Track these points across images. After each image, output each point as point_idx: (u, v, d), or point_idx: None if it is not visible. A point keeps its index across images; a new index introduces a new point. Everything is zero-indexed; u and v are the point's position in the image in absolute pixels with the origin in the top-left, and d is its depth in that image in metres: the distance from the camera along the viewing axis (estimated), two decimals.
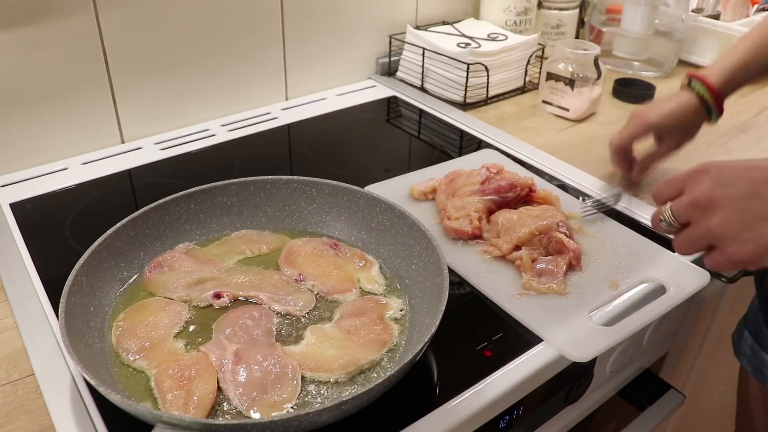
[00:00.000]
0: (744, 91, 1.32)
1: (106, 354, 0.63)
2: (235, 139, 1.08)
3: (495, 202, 0.83)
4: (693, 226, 0.56)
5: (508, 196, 0.84)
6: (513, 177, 0.85)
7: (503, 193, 0.83)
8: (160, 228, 0.76)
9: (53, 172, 0.98)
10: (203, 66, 1.09)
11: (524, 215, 0.79)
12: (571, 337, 0.67)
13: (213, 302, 0.70)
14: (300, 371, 0.61)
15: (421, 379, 0.63)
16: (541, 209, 0.81)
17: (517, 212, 0.80)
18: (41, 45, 0.92)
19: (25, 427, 0.59)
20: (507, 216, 0.80)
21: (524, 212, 0.80)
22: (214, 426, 0.51)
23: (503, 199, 0.83)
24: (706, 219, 0.54)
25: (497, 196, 0.83)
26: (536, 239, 0.77)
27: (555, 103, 1.19)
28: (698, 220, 0.55)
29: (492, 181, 0.85)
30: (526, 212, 0.80)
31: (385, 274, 0.75)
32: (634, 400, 0.89)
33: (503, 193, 0.83)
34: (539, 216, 0.79)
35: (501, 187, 0.83)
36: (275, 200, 0.82)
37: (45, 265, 0.78)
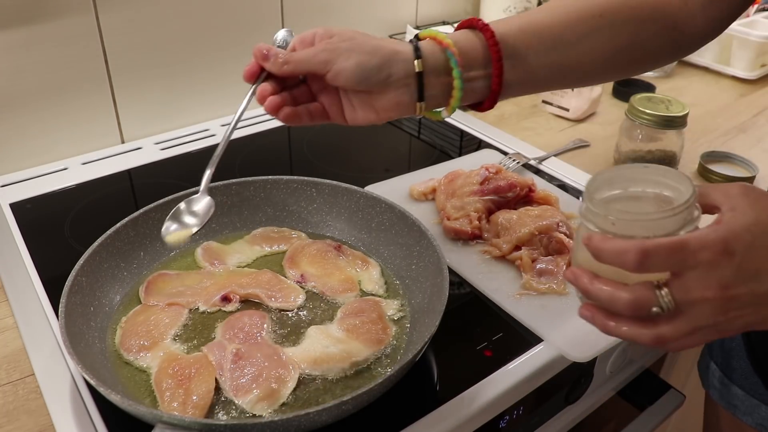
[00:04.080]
0: (743, 90, 1.33)
1: (106, 354, 0.63)
2: (235, 139, 1.08)
3: (494, 202, 0.83)
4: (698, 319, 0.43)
5: (507, 196, 0.84)
6: (512, 177, 0.85)
7: (503, 193, 0.83)
8: (160, 228, 0.76)
9: (53, 172, 0.98)
10: (203, 66, 1.09)
11: (524, 215, 0.79)
12: (571, 337, 0.67)
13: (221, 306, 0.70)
14: (299, 370, 0.61)
15: (421, 379, 0.63)
16: (541, 209, 0.81)
17: (516, 212, 0.80)
18: (41, 45, 0.92)
19: (25, 427, 0.59)
20: (507, 216, 0.80)
21: (524, 212, 0.80)
22: (214, 426, 0.51)
23: (503, 199, 0.84)
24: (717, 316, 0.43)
25: (497, 196, 0.83)
26: (536, 239, 0.77)
27: (555, 103, 1.20)
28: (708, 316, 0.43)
29: (491, 181, 0.85)
30: (526, 212, 0.80)
31: (387, 277, 0.75)
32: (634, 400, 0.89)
33: (503, 193, 0.83)
34: (539, 216, 0.79)
35: (500, 187, 0.83)
36: (275, 200, 0.82)
37: (45, 265, 0.78)
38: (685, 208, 0.44)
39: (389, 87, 0.57)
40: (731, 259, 0.42)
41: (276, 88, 0.59)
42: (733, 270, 0.42)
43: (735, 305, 0.43)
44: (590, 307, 0.47)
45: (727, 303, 0.42)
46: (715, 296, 0.42)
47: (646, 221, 0.44)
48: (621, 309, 0.44)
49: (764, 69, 1.38)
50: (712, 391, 0.81)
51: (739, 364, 0.76)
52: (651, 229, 0.44)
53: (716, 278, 0.42)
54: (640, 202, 0.48)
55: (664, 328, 0.44)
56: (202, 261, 0.76)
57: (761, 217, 0.43)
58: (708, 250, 0.42)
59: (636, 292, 0.43)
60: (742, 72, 1.37)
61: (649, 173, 0.48)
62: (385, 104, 0.58)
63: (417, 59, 0.57)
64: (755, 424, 0.76)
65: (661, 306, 0.43)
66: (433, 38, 0.59)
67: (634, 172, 0.49)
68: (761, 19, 1.43)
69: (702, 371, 0.84)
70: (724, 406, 0.79)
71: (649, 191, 0.48)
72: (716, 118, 1.21)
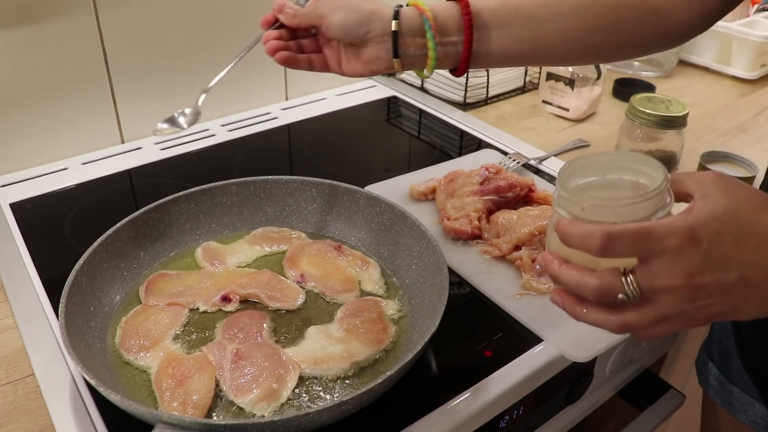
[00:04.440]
0: (743, 90, 1.33)
1: (106, 354, 0.63)
2: (235, 139, 1.08)
3: (494, 202, 0.83)
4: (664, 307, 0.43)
5: (507, 196, 0.84)
6: (512, 177, 0.85)
7: (503, 193, 0.83)
8: (160, 228, 0.76)
9: (53, 172, 0.98)
10: (203, 66, 1.09)
11: (524, 215, 0.79)
12: (571, 337, 0.67)
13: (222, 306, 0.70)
14: (299, 370, 0.61)
15: (421, 379, 0.63)
16: (541, 209, 0.81)
17: (516, 212, 0.80)
18: (41, 45, 0.92)
19: (25, 427, 0.59)
20: (507, 216, 0.80)
21: (524, 212, 0.80)
22: (214, 426, 0.51)
23: (503, 199, 0.84)
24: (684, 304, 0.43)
25: (497, 196, 0.83)
26: (536, 239, 0.77)
27: (555, 103, 1.19)
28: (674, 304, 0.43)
29: (491, 181, 0.85)
30: (526, 212, 0.80)
31: (386, 277, 0.75)
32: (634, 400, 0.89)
33: (503, 193, 0.83)
34: (539, 216, 0.79)
35: (500, 187, 0.83)
36: (275, 200, 0.82)
37: (45, 265, 0.78)
38: (656, 194, 0.44)
39: (369, 42, 0.66)
40: (698, 246, 0.41)
41: (287, 37, 0.69)
42: (699, 258, 0.41)
43: (702, 294, 0.42)
44: (561, 292, 0.47)
45: (694, 291, 0.42)
46: (681, 284, 0.42)
47: (615, 207, 0.44)
48: (588, 294, 0.44)
49: (764, 69, 1.38)
50: (709, 389, 0.81)
51: (735, 362, 0.77)
52: (620, 215, 0.43)
53: (682, 266, 0.42)
54: (616, 189, 0.48)
55: (630, 315, 0.44)
56: (202, 261, 0.76)
57: (731, 206, 0.42)
58: (674, 237, 0.41)
59: (602, 278, 0.43)
60: (742, 72, 1.37)
61: (623, 160, 0.48)
62: (368, 57, 0.66)
63: (394, 20, 0.65)
64: (749, 421, 0.76)
65: (626, 293, 0.43)
66: (414, 5, 0.66)
67: (610, 158, 0.49)
68: (761, 19, 1.43)
69: (699, 369, 0.84)
70: (721, 403, 0.79)
71: (625, 178, 0.48)
72: (716, 118, 1.21)
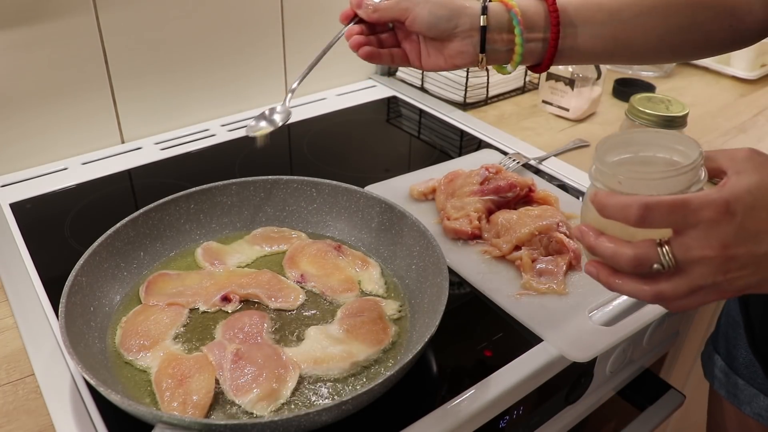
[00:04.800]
0: (743, 90, 1.33)
1: (106, 354, 0.63)
2: (235, 139, 1.08)
3: (494, 202, 0.83)
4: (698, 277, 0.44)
5: (507, 196, 0.84)
6: (512, 177, 0.85)
7: (503, 193, 0.83)
8: (160, 228, 0.76)
9: (53, 172, 0.98)
10: (203, 66, 1.09)
11: (524, 215, 0.79)
12: (571, 337, 0.67)
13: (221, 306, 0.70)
14: (300, 370, 0.61)
15: (421, 379, 0.63)
16: (541, 209, 0.81)
17: (516, 212, 0.80)
18: (41, 45, 0.92)
19: (25, 427, 0.59)
20: (507, 216, 0.80)
21: (524, 212, 0.80)
22: (214, 426, 0.51)
23: (503, 199, 0.84)
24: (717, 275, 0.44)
25: (497, 196, 0.83)
26: (536, 239, 0.77)
27: (555, 103, 1.20)
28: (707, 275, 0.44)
29: (491, 181, 0.85)
30: (526, 212, 0.80)
31: (386, 277, 0.75)
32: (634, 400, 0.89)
33: (503, 193, 0.83)
34: (539, 216, 0.79)
35: (500, 187, 0.83)
36: (275, 200, 0.82)
37: (45, 265, 0.78)
38: (690, 169, 0.45)
39: (456, 36, 0.66)
40: (732, 218, 0.42)
41: (365, 32, 0.69)
42: (733, 230, 0.42)
43: (735, 265, 0.43)
44: (595, 263, 0.48)
45: (727, 262, 0.43)
46: (715, 255, 0.43)
47: (651, 180, 0.45)
48: (623, 265, 0.45)
49: (764, 69, 1.38)
50: (714, 382, 0.82)
51: (741, 354, 0.77)
52: (656, 188, 0.45)
53: (716, 237, 0.43)
54: (649, 165, 0.49)
55: (665, 285, 0.45)
56: (203, 261, 0.76)
57: (765, 180, 0.43)
58: (709, 209, 0.42)
59: (638, 248, 0.44)
60: (742, 72, 1.37)
61: (660, 138, 0.50)
62: (452, 52, 0.67)
63: (483, 15, 0.65)
64: (753, 413, 0.76)
65: (661, 263, 0.44)
66: (501, 0, 0.66)
67: (645, 136, 0.50)
68: None
69: (705, 362, 0.84)
70: (726, 396, 0.79)
71: (659, 155, 0.49)
72: (716, 118, 1.21)
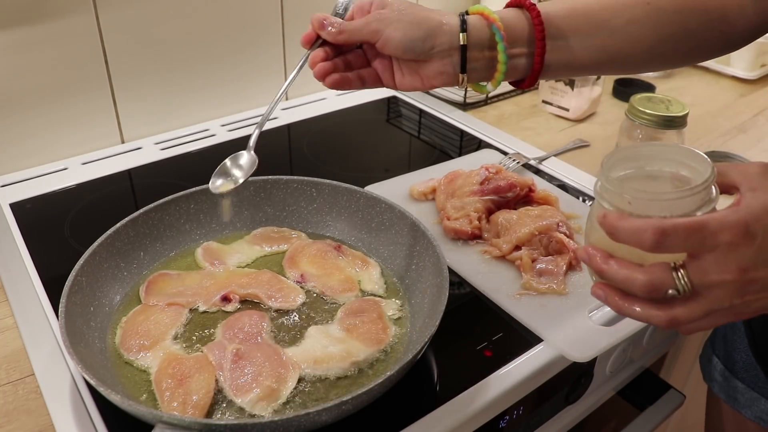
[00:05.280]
0: (743, 90, 1.33)
1: (106, 354, 0.63)
2: (235, 139, 1.08)
3: (494, 202, 0.83)
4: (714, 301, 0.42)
5: (507, 196, 0.84)
6: (512, 177, 0.85)
7: (503, 193, 0.83)
8: (160, 228, 0.76)
9: (53, 172, 0.98)
10: (203, 66, 1.09)
11: (524, 215, 0.79)
12: (571, 337, 0.67)
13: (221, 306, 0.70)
14: (300, 370, 0.61)
15: (421, 379, 0.63)
16: (541, 209, 0.81)
17: (516, 212, 0.80)
18: (41, 45, 0.92)
19: (25, 427, 0.59)
20: (507, 216, 0.80)
21: (524, 212, 0.80)
22: (214, 426, 0.51)
23: (503, 199, 0.83)
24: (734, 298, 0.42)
25: (496, 196, 0.83)
26: (536, 239, 0.77)
27: (555, 103, 1.20)
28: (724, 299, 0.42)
29: (491, 181, 0.85)
30: (526, 212, 0.80)
31: (386, 277, 0.75)
32: (634, 400, 0.89)
33: (503, 193, 0.83)
34: (539, 216, 0.79)
35: (500, 187, 0.83)
36: (275, 200, 0.82)
37: (45, 265, 0.78)
38: (704, 188, 0.43)
39: (433, 57, 0.60)
40: (752, 241, 0.41)
41: (330, 53, 0.62)
42: (753, 253, 0.41)
43: (753, 288, 0.42)
44: (603, 286, 0.46)
45: (746, 286, 0.42)
46: (733, 279, 0.41)
47: (663, 201, 0.43)
48: (636, 290, 0.43)
49: (764, 69, 1.38)
50: (713, 385, 0.81)
51: (741, 357, 0.77)
52: (668, 209, 0.43)
53: (735, 260, 0.41)
54: (656, 181, 0.48)
55: (679, 310, 0.43)
56: (203, 261, 0.76)
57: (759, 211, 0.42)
58: (728, 232, 0.40)
59: (652, 273, 0.43)
60: (742, 72, 1.37)
61: (667, 152, 0.48)
62: (429, 72, 0.61)
63: (462, 32, 0.59)
64: (754, 417, 0.76)
65: (677, 288, 0.42)
66: (480, 13, 0.61)
67: (651, 150, 0.48)
68: None
69: (704, 365, 0.84)
70: (725, 399, 0.79)
71: (665, 170, 0.47)
72: (716, 118, 1.21)
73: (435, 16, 0.60)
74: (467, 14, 0.61)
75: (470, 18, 0.61)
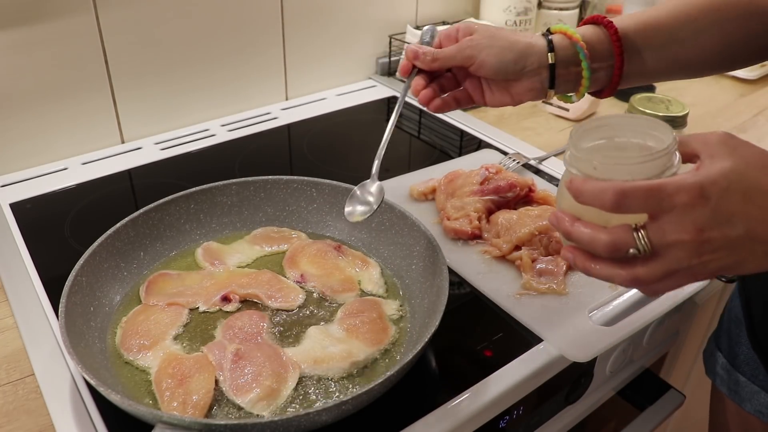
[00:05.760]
0: (743, 90, 1.33)
1: (106, 354, 0.63)
2: (235, 139, 1.08)
3: (494, 202, 0.83)
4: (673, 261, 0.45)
5: (507, 196, 0.84)
6: (512, 177, 0.85)
7: (503, 193, 0.83)
8: (160, 228, 0.76)
9: (53, 172, 0.98)
10: (203, 66, 1.09)
11: (524, 215, 0.79)
12: (571, 337, 0.67)
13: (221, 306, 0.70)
14: (300, 370, 0.61)
15: (421, 379, 0.63)
16: (541, 209, 0.81)
17: (516, 212, 0.80)
18: (41, 45, 0.92)
19: (25, 427, 0.59)
20: (507, 216, 0.80)
21: (524, 212, 0.80)
22: (214, 426, 0.51)
23: (503, 199, 0.84)
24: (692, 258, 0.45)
25: (496, 196, 0.83)
26: (536, 239, 0.77)
27: (555, 103, 1.19)
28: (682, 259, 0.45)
29: (491, 181, 0.85)
30: (526, 212, 0.80)
31: (386, 277, 0.75)
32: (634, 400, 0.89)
33: (503, 193, 0.83)
34: (539, 216, 0.79)
35: (500, 187, 0.83)
36: (275, 200, 0.82)
37: (45, 265, 0.78)
38: (664, 154, 0.46)
39: (524, 76, 0.65)
40: (706, 202, 0.43)
41: (426, 79, 0.68)
42: (708, 213, 0.43)
43: (709, 248, 0.44)
44: (572, 248, 0.49)
45: (702, 246, 0.44)
46: (690, 239, 0.44)
47: (626, 165, 0.46)
48: (600, 250, 0.46)
49: (764, 69, 1.38)
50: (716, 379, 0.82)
51: (743, 351, 0.77)
52: (631, 173, 0.46)
53: (691, 221, 0.43)
54: (624, 151, 0.50)
55: (640, 269, 0.46)
56: (203, 261, 0.76)
57: (738, 164, 0.44)
58: (684, 194, 0.43)
59: (614, 233, 0.45)
60: (742, 72, 1.36)
61: (634, 123, 0.51)
62: (519, 90, 0.66)
63: (550, 52, 0.64)
64: (754, 410, 0.76)
65: (637, 248, 0.45)
66: (563, 33, 0.66)
67: (619, 121, 0.51)
68: None
69: (707, 359, 0.84)
70: (727, 393, 0.80)
71: (634, 141, 0.50)
72: (716, 118, 1.21)
73: (523, 39, 0.65)
74: (551, 33, 0.66)
75: (555, 38, 0.65)
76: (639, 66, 0.67)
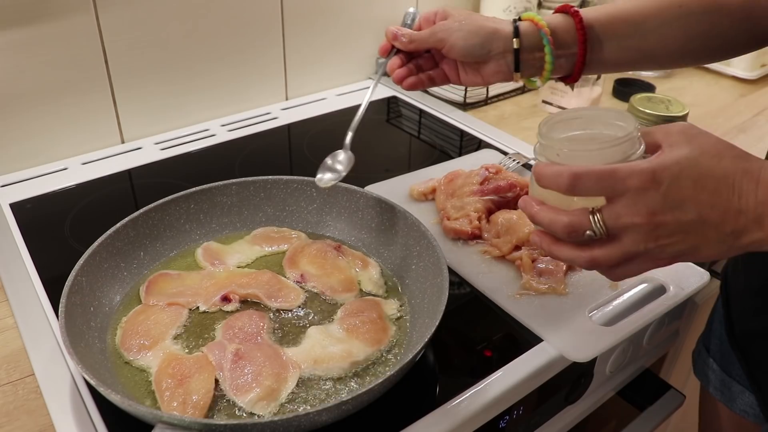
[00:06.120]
0: (743, 90, 1.33)
1: (106, 354, 0.63)
2: (235, 139, 1.08)
3: (494, 202, 0.83)
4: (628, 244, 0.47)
5: (507, 196, 0.84)
6: (512, 177, 0.85)
7: (502, 193, 0.83)
8: (160, 228, 0.76)
9: (53, 172, 0.98)
10: (203, 66, 1.09)
11: (524, 215, 0.79)
12: (571, 337, 0.67)
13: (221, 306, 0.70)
14: (300, 370, 0.61)
15: (421, 379, 0.63)
16: None
17: (516, 212, 0.80)
18: (41, 45, 0.92)
19: (25, 427, 0.59)
20: (507, 216, 0.80)
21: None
22: (214, 426, 0.51)
23: (503, 199, 0.84)
24: (648, 242, 0.46)
25: (497, 196, 0.83)
26: None
27: (555, 103, 1.19)
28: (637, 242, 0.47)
29: (491, 181, 0.85)
30: None
31: (386, 277, 0.75)
32: (634, 400, 0.89)
33: (502, 193, 0.83)
34: None
35: (500, 187, 0.83)
36: (275, 200, 0.82)
37: (45, 265, 0.78)
38: (624, 141, 0.48)
39: (490, 59, 0.69)
40: (658, 187, 0.45)
41: (404, 59, 0.72)
42: (659, 197, 0.45)
43: (663, 232, 0.46)
44: (539, 232, 0.52)
45: (655, 229, 0.46)
46: (643, 222, 0.46)
47: (586, 152, 0.49)
48: (559, 231, 0.49)
49: (764, 69, 1.38)
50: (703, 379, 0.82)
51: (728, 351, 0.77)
52: (591, 160, 0.48)
53: (644, 204, 0.45)
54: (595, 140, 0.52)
55: (598, 251, 0.48)
56: (203, 261, 0.76)
57: (693, 151, 0.46)
58: (636, 177, 0.45)
59: (572, 216, 0.48)
60: (742, 72, 1.37)
61: (603, 115, 0.53)
62: (488, 72, 0.70)
63: (515, 38, 0.68)
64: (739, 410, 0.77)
65: (593, 230, 0.47)
66: (531, 20, 0.69)
67: (589, 113, 0.54)
68: None
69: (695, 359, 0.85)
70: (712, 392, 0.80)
71: (605, 132, 0.52)
72: (716, 118, 1.21)
73: (490, 24, 0.68)
74: (520, 20, 0.69)
75: (522, 24, 0.68)
76: (602, 54, 0.69)
